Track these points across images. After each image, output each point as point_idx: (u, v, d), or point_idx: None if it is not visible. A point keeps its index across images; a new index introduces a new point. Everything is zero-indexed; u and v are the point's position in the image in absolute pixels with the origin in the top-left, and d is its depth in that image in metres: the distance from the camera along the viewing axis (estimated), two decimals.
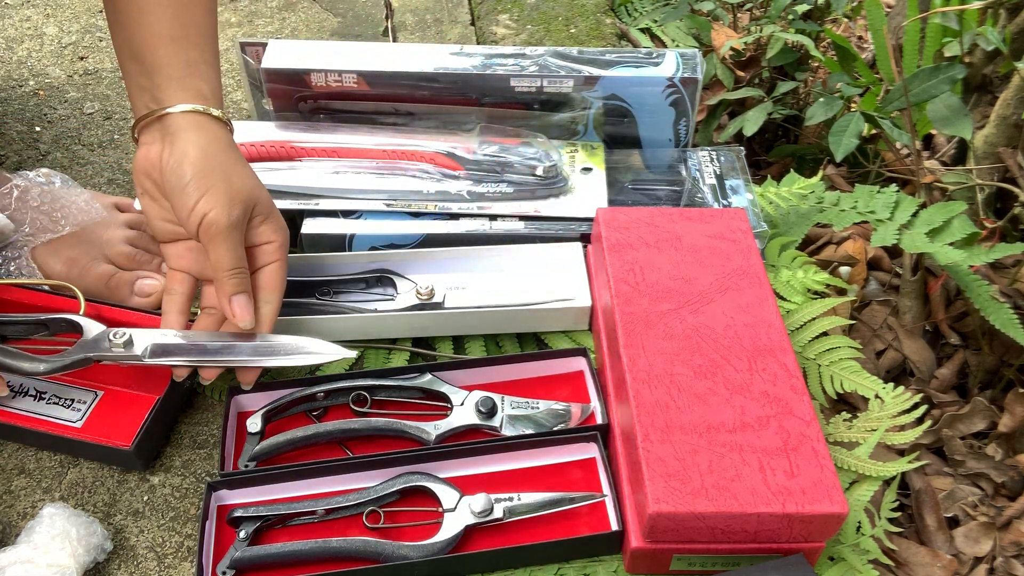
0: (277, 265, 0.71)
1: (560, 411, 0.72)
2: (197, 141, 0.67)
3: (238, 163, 0.69)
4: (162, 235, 0.72)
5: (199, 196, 0.66)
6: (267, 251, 0.70)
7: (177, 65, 0.68)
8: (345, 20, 1.30)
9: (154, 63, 0.68)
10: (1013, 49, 0.91)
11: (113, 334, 0.70)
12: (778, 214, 0.91)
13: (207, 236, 0.66)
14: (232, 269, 0.67)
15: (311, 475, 0.69)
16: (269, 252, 0.70)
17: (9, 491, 0.72)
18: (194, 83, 0.69)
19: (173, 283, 0.72)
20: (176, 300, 0.72)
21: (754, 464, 0.61)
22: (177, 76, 0.68)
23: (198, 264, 0.72)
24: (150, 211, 0.72)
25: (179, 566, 0.67)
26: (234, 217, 0.66)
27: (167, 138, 0.68)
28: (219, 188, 0.66)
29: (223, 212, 0.66)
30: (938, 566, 0.74)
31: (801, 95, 1.17)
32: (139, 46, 0.69)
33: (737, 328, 0.69)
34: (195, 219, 0.66)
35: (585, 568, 0.66)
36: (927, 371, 0.90)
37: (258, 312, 0.70)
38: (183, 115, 0.68)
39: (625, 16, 1.34)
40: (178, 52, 0.69)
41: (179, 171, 0.66)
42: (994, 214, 0.95)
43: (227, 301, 0.68)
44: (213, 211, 0.65)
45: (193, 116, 0.68)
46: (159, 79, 0.68)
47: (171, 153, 0.67)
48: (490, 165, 0.86)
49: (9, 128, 1.05)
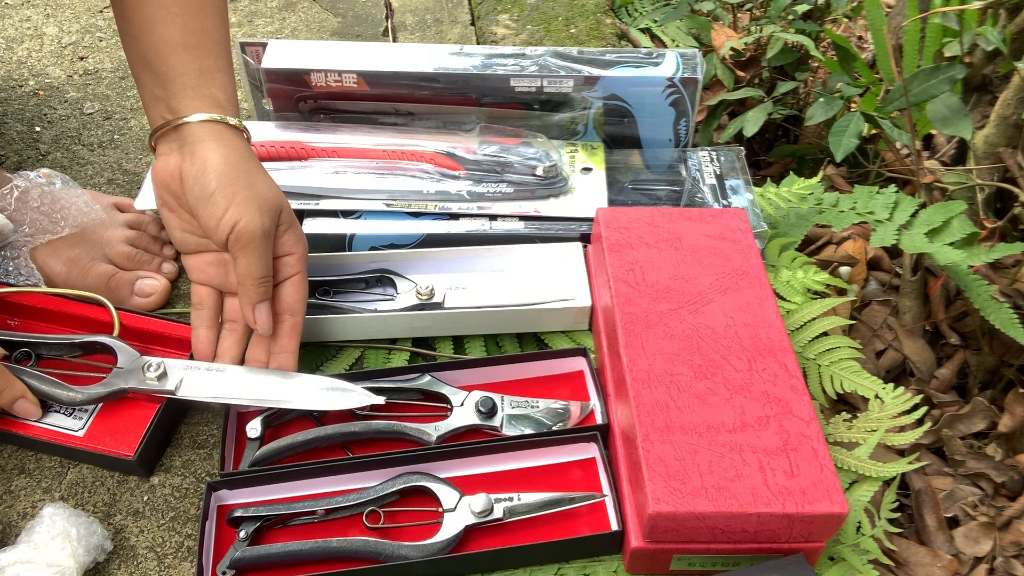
0: (299, 277, 0.71)
1: (559, 409, 0.72)
2: (218, 150, 0.66)
3: (260, 171, 0.69)
4: (183, 247, 0.72)
5: (227, 205, 0.65)
6: (289, 263, 0.70)
7: (191, 74, 0.68)
8: (345, 20, 1.30)
9: (168, 72, 0.68)
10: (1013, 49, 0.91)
11: (147, 365, 0.72)
12: (778, 214, 0.91)
13: (239, 245, 0.66)
14: (261, 278, 0.67)
15: (311, 475, 0.69)
16: (291, 264, 0.70)
17: (9, 491, 0.72)
18: (209, 91, 0.68)
19: (199, 297, 0.72)
20: (205, 316, 0.72)
21: (754, 464, 0.61)
22: (192, 85, 0.68)
23: (220, 276, 0.72)
24: (170, 223, 0.71)
25: (179, 566, 0.67)
26: (266, 225, 0.66)
27: (185, 148, 0.67)
28: (247, 196, 0.66)
29: (256, 220, 0.65)
30: (938, 566, 0.74)
31: (801, 95, 1.17)
32: (152, 56, 0.68)
33: (737, 328, 0.69)
34: (225, 228, 0.65)
35: (585, 568, 0.66)
36: (927, 371, 0.90)
37: (280, 326, 0.70)
38: (200, 124, 0.67)
39: (625, 16, 1.34)
40: (192, 60, 0.68)
41: (203, 181, 0.66)
42: (994, 214, 0.95)
43: (251, 309, 0.68)
44: (243, 220, 0.65)
45: (211, 126, 0.67)
46: (174, 88, 0.68)
47: (192, 163, 0.66)
48: (490, 165, 0.86)
49: (9, 128, 1.05)
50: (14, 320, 0.80)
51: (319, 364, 0.79)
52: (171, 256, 0.88)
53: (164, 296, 0.84)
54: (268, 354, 0.72)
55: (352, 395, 0.70)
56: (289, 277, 0.70)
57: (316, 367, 0.79)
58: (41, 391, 0.72)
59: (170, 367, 0.72)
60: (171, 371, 0.72)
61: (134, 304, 0.81)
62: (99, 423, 0.73)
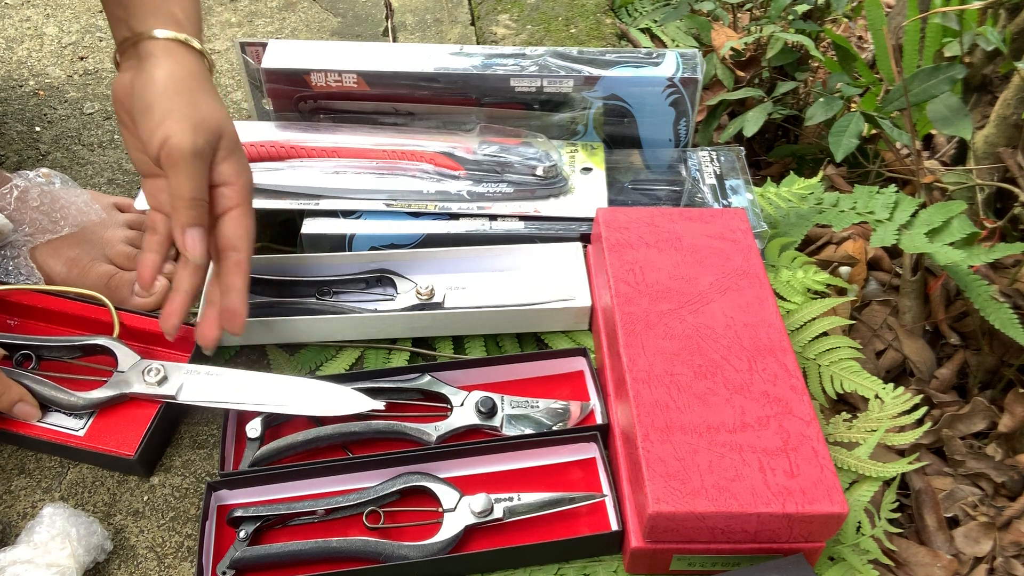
0: (240, 211, 0.67)
1: (559, 409, 0.72)
2: (166, 66, 0.65)
3: (208, 93, 0.67)
4: (140, 168, 0.70)
5: (162, 119, 0.63)
6: (227, 194, 0.67)
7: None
8: (345, 20, 1.30)
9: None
10: (1013, 49, 0.91)
11: (147, 369, 0.72)
12: (778, 214, 0.91)
13: (169, 161, 0.64)
14: (191, 199, 0.64)
15: (311, 475, 0.69)
16: (231, 196, 0.67)
17: (9, 491, 0.72)
18: (168, 9, 0.67)
19: (153, 221, 0.69)
20: (154, 241, 0.69)
21: (754, 464, 0.61)
22: (151, 5, 0.67)
23: None
24: (128, 143, 0.70)
25: (179, 566, 0.67)
26: (199, 145, 0.64)
27: (139, 64, 0.67)
28: (185, 113, 0.64)
29: (187, 138, 0.63)
30: (938, 566, 0.74)
31: (801, 95, 1.17)
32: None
33: (737, 328, 0.69)
34: (156, 143, 0.64)
35: (585, 568, 0.66)
36: (927, 371, 0.90)
37: (223, 263, 0.67)
38: (155, 41, 0.66)
39: (625, 16, 1.34)
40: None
41: (144, 94, 0.65)
42: (994, 214, 0.95)
43: (181, 232, 0.65)
44: (175, 136, 0.63)
45: (165, 43, 0.66)
46: (133, 8, 0.67)
47: (139, 77, 0.66)
48: (490, 165, 0.86)
49: (9, 128, 1.05)
50: (14, 320, 0.80)
51: (319, 364, 0.79)
52: (172, 257, 0.88)
53: (164, 296, 0.83)
54: None
55: (351, 400, 0.70)
56: (229, 210, 0.68)
57: (316, 367, 0.79)
58: (42, 395, 0.72)
59: (170, 371, 0.72)
60: (171, 375, 0.72)
61: (134, 304, 0.81)
62: (100, 423, 0.73)
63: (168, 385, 0.72)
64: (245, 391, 0.71)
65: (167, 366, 0.72)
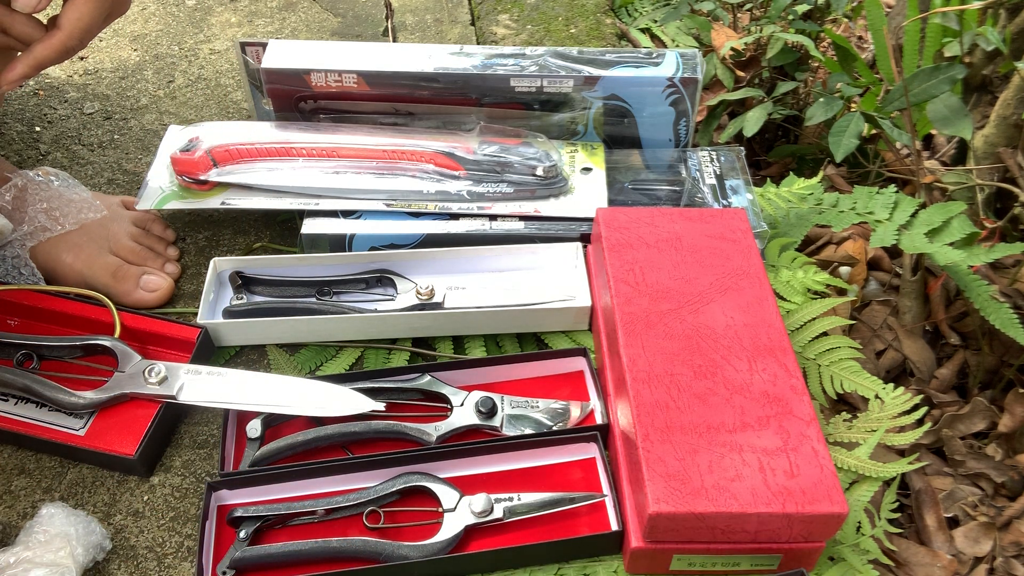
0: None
1: (559, 410, 0.72)
2: None
3: None
4: None
5: None
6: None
7: None
8: (345, 20, 1.30)
9: None
10: (1013, 49, 0.91)
11: (148, 370, 0.72)
12: (778, 214, 0.91)
13: None
14: None
15: (311, 475, 0.69)
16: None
17: (9, 491, 0.72)
18: None
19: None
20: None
21: (754, 464, 0.61)
22: None
23: None
24: None
25: (179, 566, 0.67)
26: None
27: None
28: None
29: None
30: (938, 566, 0.74)
31: (801, 95, 1.17)
32: None
33: (737, 328, 0.69)
34: None
35: (585, 568, 0.66)
36: (927, 371, 0.90)
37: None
38: None
39: (625, 16, 1.34)
40: None
41: None
42: (994, 214, 0.95)
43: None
44: None
45: None
46: None
47: None
48: (490, 165, 0.86)
49: (9, 128, 1.05)
50: (14, 320, 0.80)
51: (319, 364, 0.79)
52: (174, 257, 0.88)
53: (168, 294, 0.84)
54: None
55: (351, 400, 0.70)
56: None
57: (316, 367, 0.79)
58: (42, 395, 0.72)
59: (171, 371, 0.72)
60: (172, 375, 0.72)
61: (138, 298, 0.82)
62: (100, 422, 0.73)
63: (168, 385, 0.72)
64: (245, 391, 0.71)
65: (168, 366, 0.72)
